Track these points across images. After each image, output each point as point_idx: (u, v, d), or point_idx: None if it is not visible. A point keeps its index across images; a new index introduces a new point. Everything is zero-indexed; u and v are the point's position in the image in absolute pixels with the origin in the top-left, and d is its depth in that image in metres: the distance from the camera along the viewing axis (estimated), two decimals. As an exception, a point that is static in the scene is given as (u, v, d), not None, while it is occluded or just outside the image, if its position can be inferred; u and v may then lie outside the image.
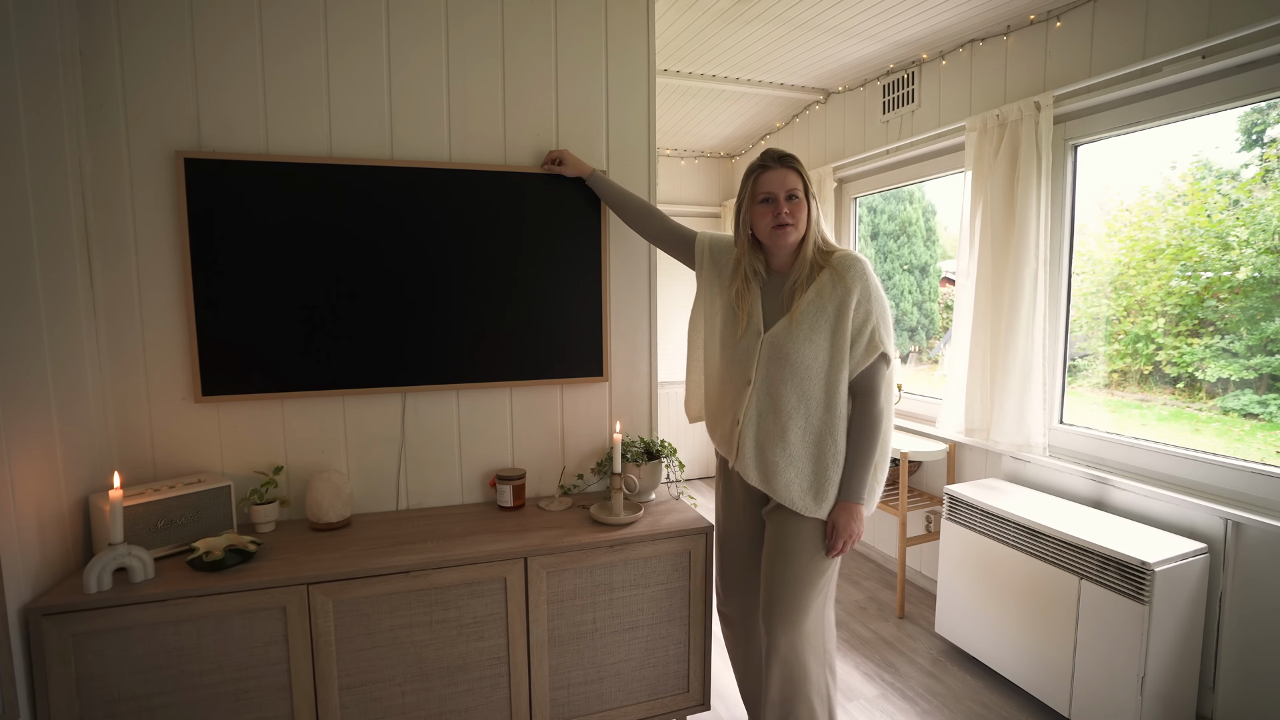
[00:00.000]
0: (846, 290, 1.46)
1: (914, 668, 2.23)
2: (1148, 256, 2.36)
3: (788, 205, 1.49)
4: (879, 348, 1.46)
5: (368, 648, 1.49)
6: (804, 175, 1.52)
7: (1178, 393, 2.29)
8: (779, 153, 1.53)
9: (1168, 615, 1.67)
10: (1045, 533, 1.90)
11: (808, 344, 1.47)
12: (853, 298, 1.46)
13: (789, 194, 1.49)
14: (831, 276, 1.47)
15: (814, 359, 1.47)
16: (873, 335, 1.46)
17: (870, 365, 1.47)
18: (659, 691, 1.74)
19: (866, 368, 1.47)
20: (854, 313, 1.45)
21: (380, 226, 1.74)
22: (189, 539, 1.55)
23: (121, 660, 1.34)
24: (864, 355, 1.47)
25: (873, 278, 1.48)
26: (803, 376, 1.48)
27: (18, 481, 1.27)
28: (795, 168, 1.51)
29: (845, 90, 3.24)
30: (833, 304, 1.46)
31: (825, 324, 1.47)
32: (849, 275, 1.47)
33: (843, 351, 1.47)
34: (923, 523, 2.78)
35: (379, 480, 1.84)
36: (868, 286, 1.47)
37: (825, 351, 1.47)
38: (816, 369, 1.48)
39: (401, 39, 1.74)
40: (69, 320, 1.47)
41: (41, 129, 1.39)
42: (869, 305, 1.47)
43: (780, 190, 1.49)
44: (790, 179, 1.50)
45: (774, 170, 1.51)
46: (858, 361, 1.47)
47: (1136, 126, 2.06)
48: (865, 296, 1.46)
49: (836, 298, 1.46)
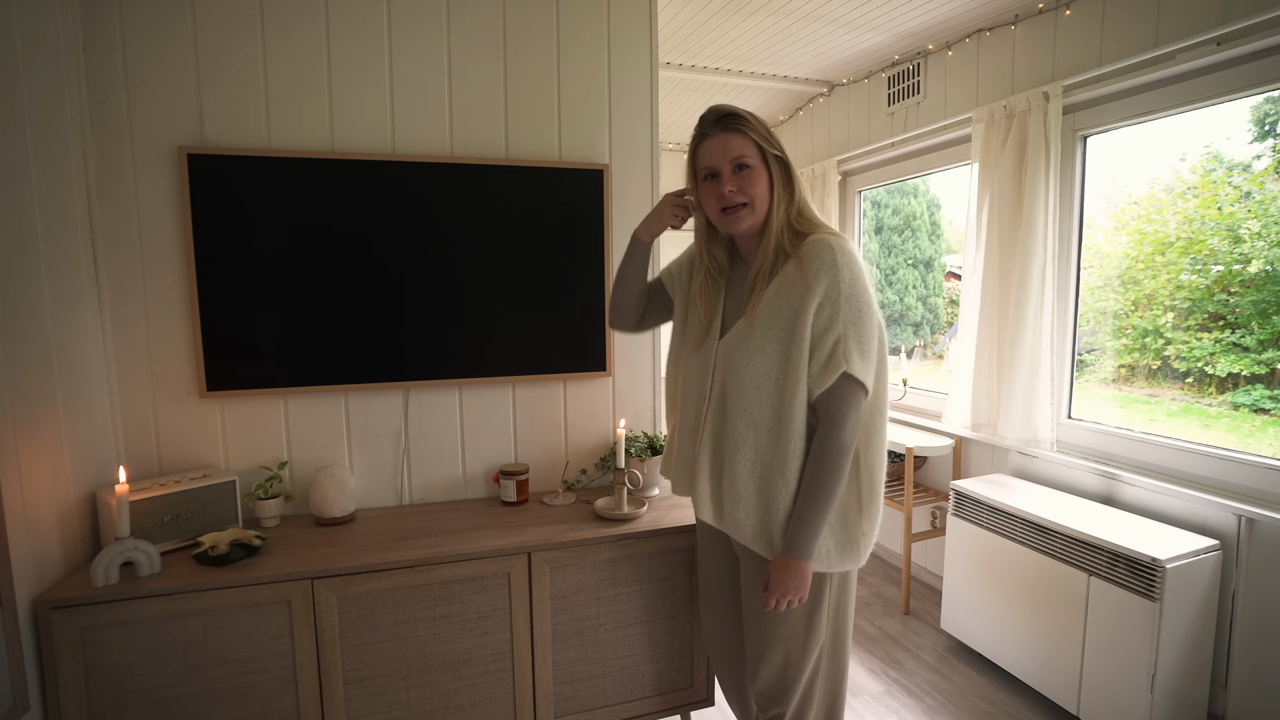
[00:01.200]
0: (807, 286, 1.13)
1: (919, 664, 2.22)
2: (1156, 250, 2.33)
3: (735, 180, 1.18)
4: (840, 366, 1.12)
5: (372, 642, 1.49)
6: (758, 135, 1.18)
7: (1187, 388, 2.27)
8: (719, 112, 1.19)
9: (1179, 612, 1.66)
10: (1053, 529, 1.89)
11: (758, 355, 1.18)
12: (814, 297, 1.13)
13: (736, 164, 1.17)
14: (796, 268, 1.15)
15: (764, 374, 1.18)
16: (835, 348, 1.13)
17: (831, 387, 1.14)
18: (663, 687, 1.74)
19: (826, 390, 1.14)
20: (814, 316, 1.13)
21: (382, 221, 1.74)
22: (194, 533, 1.55)
23: (129, 653, 1.35)
24: (822, 373, 1.14)
25: (847, 271, 1.13)
26: (751, 397, 1.19)
27: (26, 476, 1.28)
28: (739, 128, 1.17)
29: (850, 82, 3.21)
30: (790, 304, 1.15)
31: (778, 330, 1.16)
32: (812, 266, 1.13)
33: (798, 366, 1.15)
34: (928, 518, 2.77)
35: (382, 475, 1.84)
36: (836, 283, 1.12)
37: (776, 365, 1.17)
38: (768, 387, 1.18)
39: (403, 32, 1.73)
40: (75, 316, 1.48)
41: (46, 125, 1.39)
42: (835, 308, 1.13)
43: (723, 162, 1.18)
44: (734, 143, 1.17)
45: (713, 137, 1.19)
46: (814, 379, 1.15)
47: (1148, 116, 2.03)
48: (832, 296, 1.13)
49: (795, 296, 1.15)
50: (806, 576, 1.18)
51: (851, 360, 1.13)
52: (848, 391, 1.15)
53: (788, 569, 1.18)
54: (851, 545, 1.22)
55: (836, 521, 1.21)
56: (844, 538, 1.22)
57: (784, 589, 1.18)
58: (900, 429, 2.79)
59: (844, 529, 1.22)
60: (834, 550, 1.21)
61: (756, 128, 1.19)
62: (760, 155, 1.19)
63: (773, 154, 1.20)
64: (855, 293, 1.14)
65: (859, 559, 1.23)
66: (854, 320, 1.14)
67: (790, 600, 1.19)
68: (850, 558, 1.22)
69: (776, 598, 1.19)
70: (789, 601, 1.19)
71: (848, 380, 1.14)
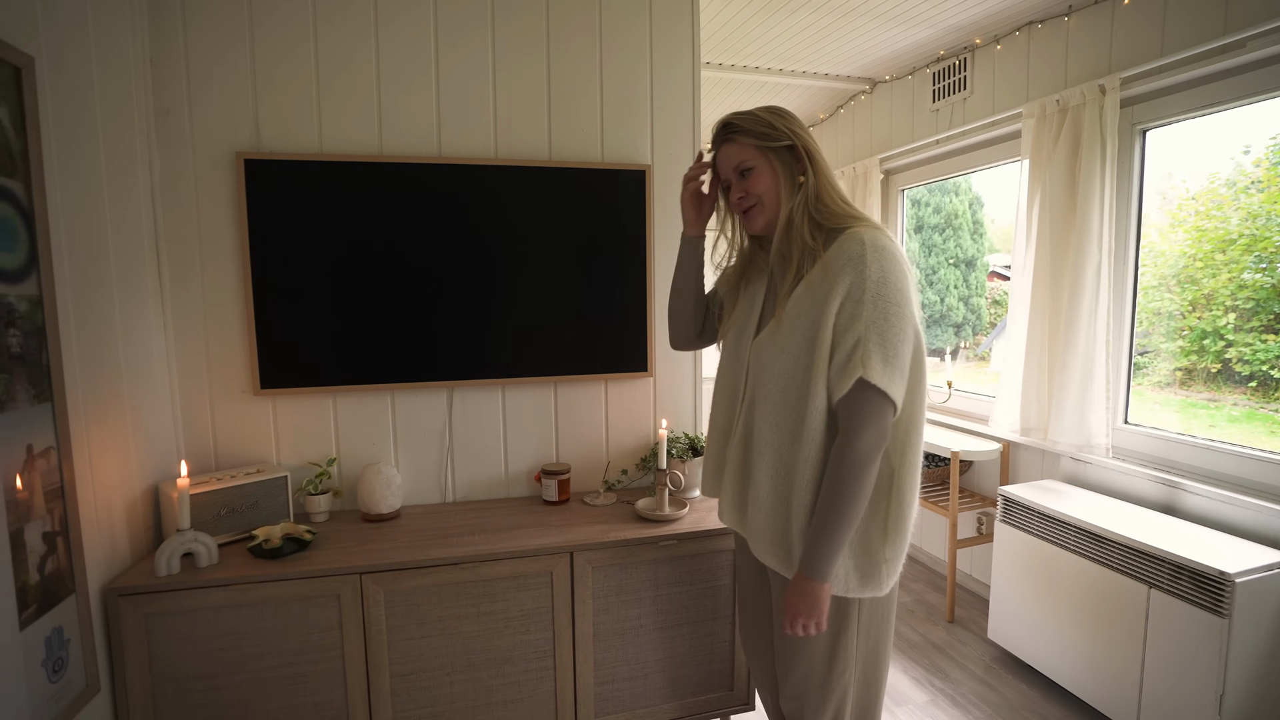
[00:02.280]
0: (831, 284, 1.08)
1: (965, 674, 2.16)
2: (1216, 248, 2.22)
3: (741, 185, 1.21)
4: (856, 370, 1.04)
5: (418, 637, 1.52)
6: (753, 136, 1.18)
7: (1250, 392, 2.16)
8: (719, 125, 1.23)
9: (1250, 630, 1.57)
10: (1110, 538, 1.81)
11: (784, 355, 1.14)
12: (836, 294, 1.07)
13: (738, 170, 1.21)
14: (822, 264, 1.11)
15: (788, 376, 1.13)
16: (854, 350, 1.05)
17: (848, 393, 1.06)
18: (703, 689, 1.73)
19: (843, 395, 1.07)
20: (837, 315, 1.08)
21: (428, 223, 1.77)
22: (249, 527, 1.60)
23: (188, 641, 1.40)
24: (840, 376, 1.07)
25: (875, 267, 1.06)
26: (777, 400, 1.15)
27: (96, 469, 1.34)
28: (732, 138, 1.20)
29: (893, 79, 3.15)
30: (816, 300, 1.10)
31: (804, 328, 1.11)
32: (837, 262, 1.08)
33: (818, 368, 1.09)
34: (974, 524, 2.69)
35: (427, 473, 1.87)
36: (861, 279, 1.05)
37: (801, 367, 1.12)
38: (792, 390, 1.13)
39: (449, 36, 1.76)
40: (141, 317, 1.54)
41: (116, 135, 1.46)
42: (858, 306, 1.06)
43: (730, 172, 1.23)
44: (732, 153, 1.21)
45: (719, 151, 1.25)
46: (833, 382, 1.09)
47: (1214, 108, 1.94)
48: (855, 293, 1.06)
49: (822, 292, 1.09)
50: (822, 600, 1.09)
51: (870, 365, 1.04)
52: (865, 400, 1.05)
53: (801, 591, 1.10)
54: (873, 571, 1.13)
55: (858, 543, 1.13)
56: (865, 561, 1.13)
57: (796, 611, 1.11)
58: (945, 432, 2.73)
59: (865, 553, 1.13)
60: (853, 574, 1.13)
61: (751, 129, 1.18)
62: (761, 153, 1.18)
63: (777, 146, 1.17)
64: (883, 292, 1.06)
65: (881, 587, 1.13)
66: (878, 321, 1.05)
67: (806, 625, 1.11)
68: (871, 584, 1.13)
69: (788, 619, 1.12)
70: (804, 626, 1.11)
71: (865, 387, 1.05)
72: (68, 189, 1.28)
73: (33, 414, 1.14)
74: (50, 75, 1.23)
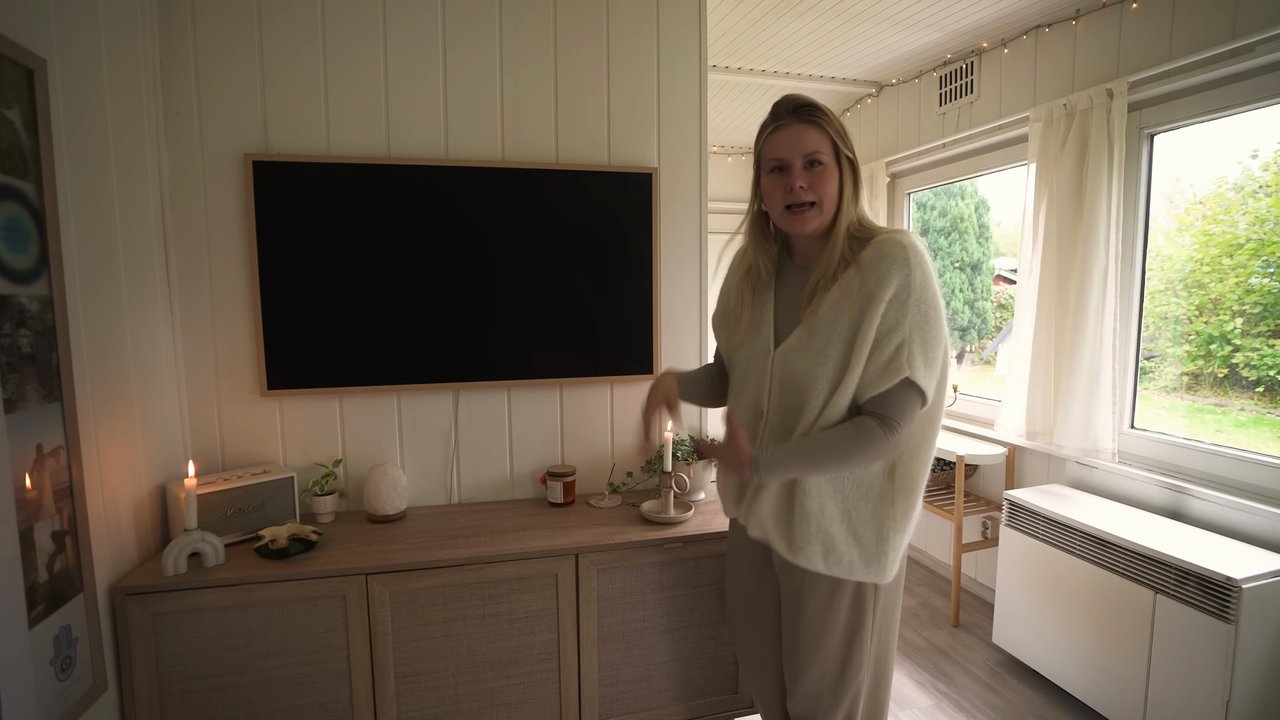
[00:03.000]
0: (878, 282, 1.05)
1: (970, 678, 2.15)
2: (1224, 252, 2.22)
3: (806, 176, 1.09)
4: (902, 371, 1.05)
5: (423, 638, 1.52)
6: (834, 131, 1.10)
7: (1257, 397, 2.15)
8: (795, 102, 1.10)
9: (1257, 636, 1.56)
10: (1116, 543, 1.81)
11: (822, 359, 1.10)
12: (884, 294, 1.05)
13: (809, 159, 1.09)
14: (857, 269, 1.08)
15: (827, 379, 1.10)
16: (899, 351, 1.05)
17: (889, 390, 1.07)
18: (707, 692, 1.72)
19: (883, 392, 1.07)
20: (882, 316, 1.05)
21: (435, 226, 1.77)
22: (255, 527, 1.61)
23: (195, 641, 1.41)
24: (880, 375, 1.07)
25: (920, 272, 1.05)
26: (810, 409, 1.12)
27: (105, 469, 1.35)
28: (817, 121, 1.09)
29: (899, 82, 3.14)
30: (856, 303, 1.07)
31: (843, 330, 1.08)
32: (883, 264, 1.05)
33: (855, 369, 1.07)
34: (979, 528, 2.69)
35: (432, 474, 1.88)
36: (908, 282, 1.04)
37: (840, 367, 1.09)
38: (824, 389, 1.11)
39: (456, 40, 1.77)
40: (149, 318, 1.55)
41: (126, 137, 1.46)
42: (903, 309, 1.05)
43: (796, 155, 1.09)
44: (810, 137, 1.08)
45: (788, 127, 1.10)
46: (871, 380, 1.07)
47: (1222, 112, 1.94)
48: (901, 296, 1.05)
49: (864, 293, 1.06)
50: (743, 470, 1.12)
51: (915, 366, 1.06)
52: (907, 398, 1.07)
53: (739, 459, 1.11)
54: (880, 558, 1.14)
55: (869, 532, 1.14)
56: (875, 550, 1.13)
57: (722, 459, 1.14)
58: (951, 436, 2.72)
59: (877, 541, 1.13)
60: (859, 560, 1.14)
61: (834, 123, 1.11)
62: (834, 153, 1.10)
63: (846, 155, 1.12)
64: (926, 295, 1.06)
65: (885, 574, 1.15)
66: (921, 324, 1.06)
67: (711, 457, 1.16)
68: (876, 570, 1.14)
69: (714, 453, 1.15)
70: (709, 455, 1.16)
71: (909, 386, 1.07)
72: (78, 190, 1.28)
73: (42, 414, 1.15)
74: (61, 77, 1.23)
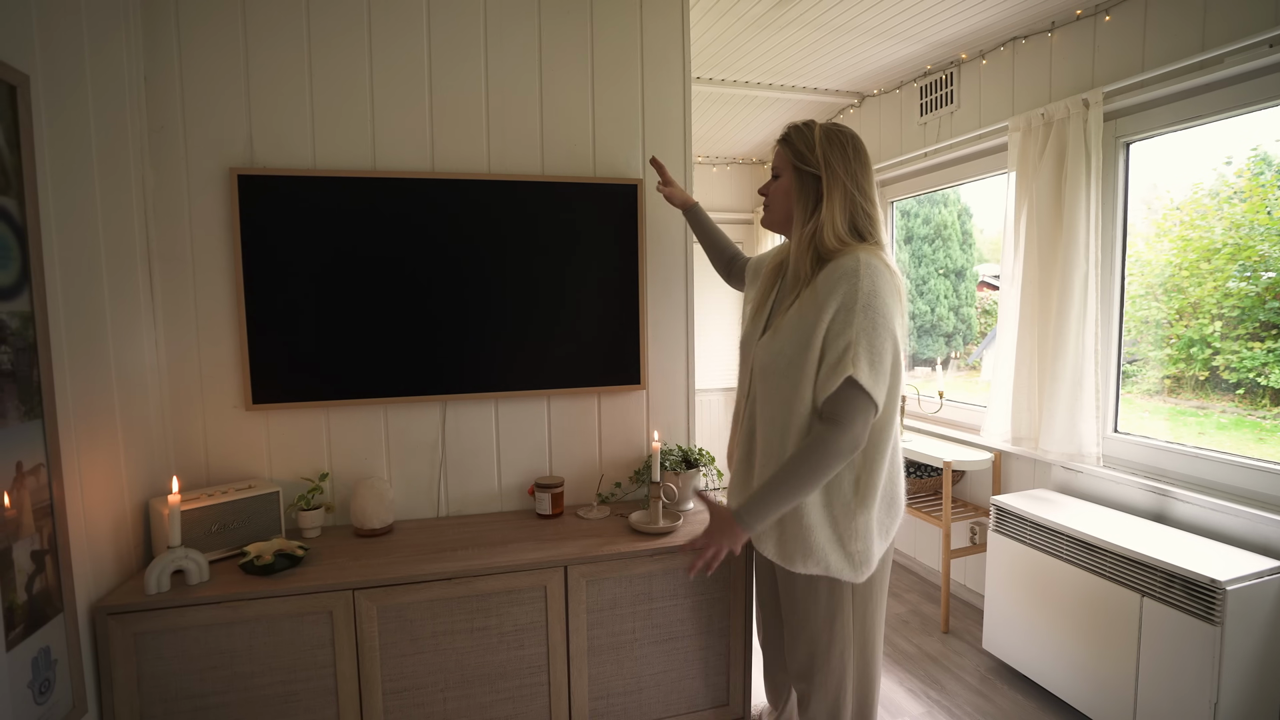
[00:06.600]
0: (828, 293, 1.20)
1: (961, 685, 2.16)
2: (1202, 257, 2.26)
3: (768, 185, 1.37)
4: (846, 369, 1.15)
5: (411, 653, 1.51)
6: (792, 148, 1.30)
7: (1238, 399, 2.19)
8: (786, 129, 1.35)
9: (1242, 638, 1.58)
10: (1103, 546, 1.82)
11: (779, 357, 1.25)
12: (831, 305, 1.19)
13: (773, 173, 1.36)
14: (814, 287, 1.23)
15: (782, 375, 1.25)
16: (845, 352, 1.16)
17: (836, 391, 1.17)
18: (699, 703, 1.72)
19: (831, 393, 1.17)
20: (831, 319, 1.19)
21: (421, 237, 1.78)
22: (240, 543, 1.59)
23: (179, 660, 1.39)
24: (829, 375, 1.18)
25: (868, 281, 1.18)
26: (771, 397, 1.27)
27: (86, 486, 1.33)
28: (780, 142, 1.34)
29: (881, 93, 3.19)
30: (813, 310, 1.21)
31: (801, 332, 1.23)
32: (831, 279, 1.20)
33: (810, 370, 1.21)
34: (967, 534, 2.70)
35: (420, 487, 1.87)
36: (854, 290, 1.17)
37: (796, 368, 1.23)
38: (785, 389, 1.25)
39: (442, 54, 1.78)
40: (132, 333, 1.54)
41: (110, 152, 1.46)
42: (850, 315, 1.17)
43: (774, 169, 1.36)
44: (776, 155, 1.35)
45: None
46: (823, 381, 1.19)
47: (1194, 121, 1.98)
48: (848, 303, 1.17)
49: (817, 305, 1.21)
50: (735, 543, 1.26)
51: (859, 366, 1.15)
52: (852, 398, 1.17)
53: (725, 525, 1.25)
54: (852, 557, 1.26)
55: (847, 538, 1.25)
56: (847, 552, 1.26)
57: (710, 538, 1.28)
58: (937, 442, 2.74)
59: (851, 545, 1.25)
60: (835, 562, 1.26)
61: (794, 144, 1.31)
62: (792, 166, 1.31)
63: (803, 168, 1.29)
64: (873, 304, 1.17)
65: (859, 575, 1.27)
66: (868, 329, 1.16)
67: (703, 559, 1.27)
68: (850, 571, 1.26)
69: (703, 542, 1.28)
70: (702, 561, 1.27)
71: (853, 386, 1.16)
72: (61, 206, 1.28)
73: (23, 431, 1.13)
74: (45, 93, 1.23)
